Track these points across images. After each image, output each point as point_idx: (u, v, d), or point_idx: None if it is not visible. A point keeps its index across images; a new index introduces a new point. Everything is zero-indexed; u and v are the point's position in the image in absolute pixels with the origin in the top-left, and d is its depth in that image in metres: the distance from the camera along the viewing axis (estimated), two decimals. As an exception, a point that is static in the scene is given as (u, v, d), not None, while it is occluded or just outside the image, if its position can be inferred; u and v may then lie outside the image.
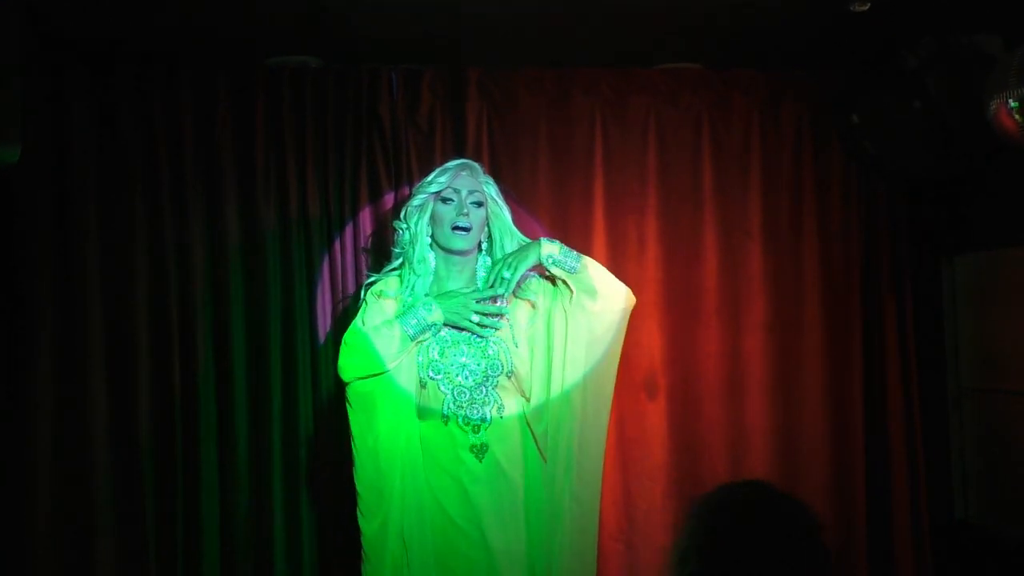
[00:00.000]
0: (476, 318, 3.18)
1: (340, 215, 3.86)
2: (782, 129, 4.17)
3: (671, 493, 4.02)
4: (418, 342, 3.17)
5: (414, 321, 3.15)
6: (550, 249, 3.21)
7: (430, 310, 3.16)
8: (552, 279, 3.27)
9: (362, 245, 3.88)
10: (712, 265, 4.10)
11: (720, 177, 4.12)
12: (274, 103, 3.83)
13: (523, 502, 3.22)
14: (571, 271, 3.21)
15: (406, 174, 3.89)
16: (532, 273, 3.30)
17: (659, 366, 4.06)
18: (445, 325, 3.18)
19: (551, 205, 4.01)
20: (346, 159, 3.87)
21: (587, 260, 3.25)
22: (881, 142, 3.91)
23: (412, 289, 3.26)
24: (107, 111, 3.74)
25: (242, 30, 3.56)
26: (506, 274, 3.19)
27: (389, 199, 3.89)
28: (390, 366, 3.14)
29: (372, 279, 3.33)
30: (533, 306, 3.27)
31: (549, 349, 3.25)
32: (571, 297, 3.23)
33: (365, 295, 3.29)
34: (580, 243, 3.97)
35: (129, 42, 3.63)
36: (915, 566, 4.15)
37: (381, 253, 3.77)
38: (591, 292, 3.21)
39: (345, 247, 3.86)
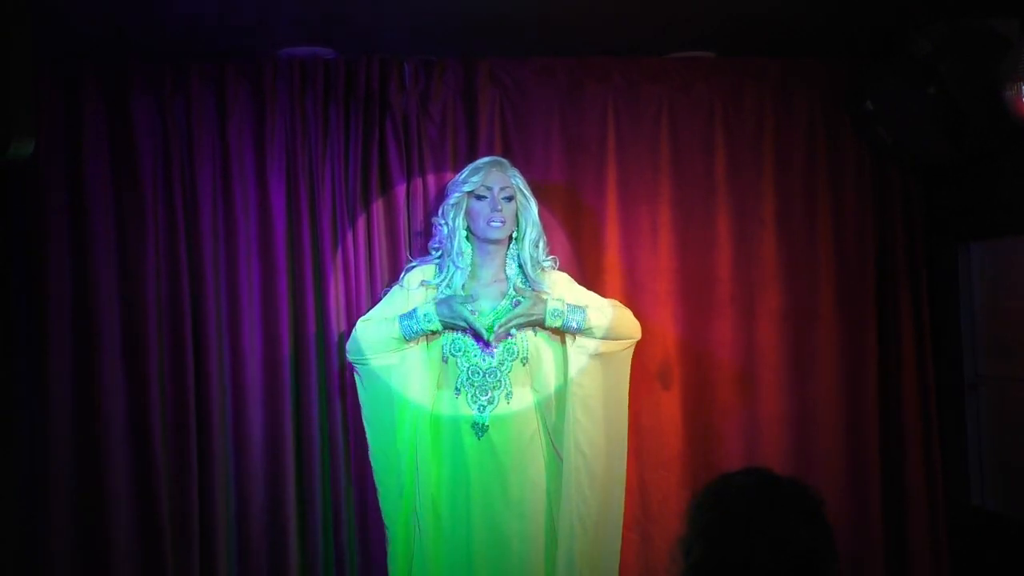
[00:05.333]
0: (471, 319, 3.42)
1: (352, 206, 3.86)
2: (795, 116, 4.15)
3: (686, 483, 4.01)
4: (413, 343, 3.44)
5: (413, 327, 3.44)
6: (555, 306, 3.48)
7: (430, 321, 3.41)
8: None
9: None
10: (726, 253, 4.09)
11: (733, 165, 4.11)
12: (285, 94, 3.82)
13: (521, 493, 3.44)
14: (577, 331, 3.49)
15: (419, 164, 3.90)
16: (549, 267, 3.61)
17: (673, 355, 4.05)
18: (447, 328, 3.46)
19: (564, 194, 4.00)
20: (359, 150, 3.86)
21: (591, 315, 3.51)
22: (895, 129, 3.89)
23: (451, 280, 3.54)
24: (118, 103, 3.75)
25: (253, 21, 3.56)
26: (507, 331, 3.45)
27: (401, 189, 3.89)
28: (373, 361, 3.44)
29: (412, 265, 3.65)
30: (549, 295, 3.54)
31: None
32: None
33: (401, 280, 3.62)
34: (593, 232, 3.99)
35: (140, 34, 3.63)
36: (932, 553, 4.14)
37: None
38: (598, 338, 3.52)
39: (358, 237, 3.85)
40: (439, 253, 3.61)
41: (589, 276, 3.95)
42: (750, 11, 3.63)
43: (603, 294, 3.90)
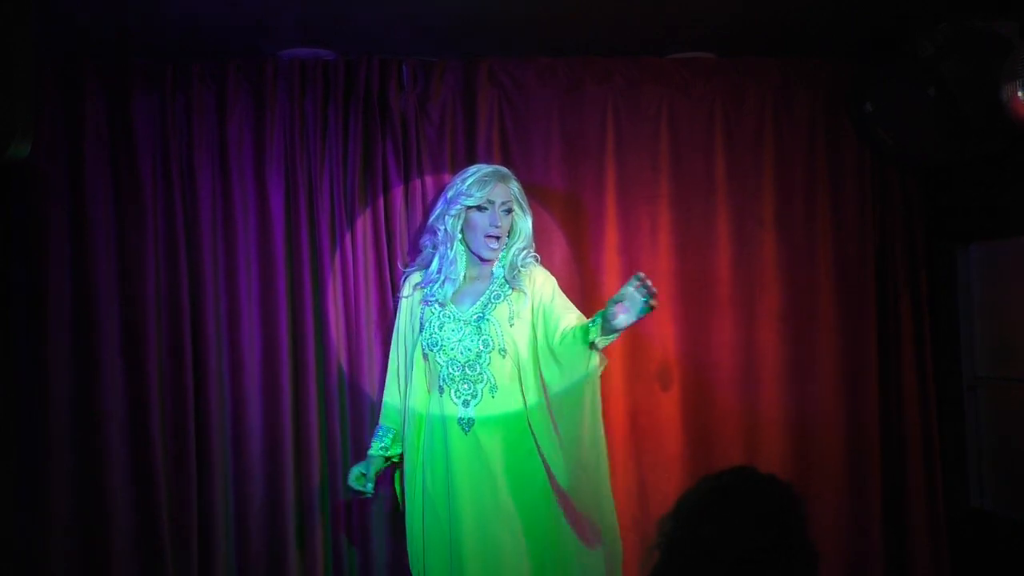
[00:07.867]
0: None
1: (350, 207, 3.86)
2: (795, 117, 4.15)
3: (686, 484, 4.00)
4: None
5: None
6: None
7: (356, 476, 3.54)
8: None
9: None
10: (726, 254, 4.09)
11: (733, 166, 4.11)
12: (285, 94, 3.83)
13: (508, 492, 3.38)
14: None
15: (417, 166, 3.90)
16: (529, 264, 3.52)
17: (673, 356, 4.05)
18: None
19: (564, 195, 4.00)
20: (358, 151, 3.87)
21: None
22: (896, 130, 3.90)
23: (441, 287, 3.50)
24: (119, 103, 3.75)
25: (254, 22, 3.56)
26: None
27: (399, 191, 3.89)
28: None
29: (409, 271, 3.63)
30: (525, 294, 3.48)
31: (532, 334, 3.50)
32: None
33: (401, 288, 3.62)
34: (593, 232, 3.99)
35: (141, 34, 3.63)
36: (931, 554, 4.14)
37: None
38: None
39: (356, 237, 3.86)
40: (432, 258, 3.55)
41: (589, 276, 3.96)
42: (751, 12, 3.63)
43: (602, 294, 3.90)
